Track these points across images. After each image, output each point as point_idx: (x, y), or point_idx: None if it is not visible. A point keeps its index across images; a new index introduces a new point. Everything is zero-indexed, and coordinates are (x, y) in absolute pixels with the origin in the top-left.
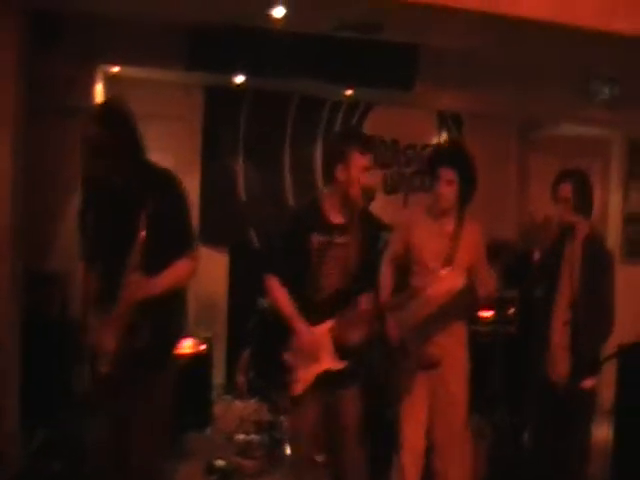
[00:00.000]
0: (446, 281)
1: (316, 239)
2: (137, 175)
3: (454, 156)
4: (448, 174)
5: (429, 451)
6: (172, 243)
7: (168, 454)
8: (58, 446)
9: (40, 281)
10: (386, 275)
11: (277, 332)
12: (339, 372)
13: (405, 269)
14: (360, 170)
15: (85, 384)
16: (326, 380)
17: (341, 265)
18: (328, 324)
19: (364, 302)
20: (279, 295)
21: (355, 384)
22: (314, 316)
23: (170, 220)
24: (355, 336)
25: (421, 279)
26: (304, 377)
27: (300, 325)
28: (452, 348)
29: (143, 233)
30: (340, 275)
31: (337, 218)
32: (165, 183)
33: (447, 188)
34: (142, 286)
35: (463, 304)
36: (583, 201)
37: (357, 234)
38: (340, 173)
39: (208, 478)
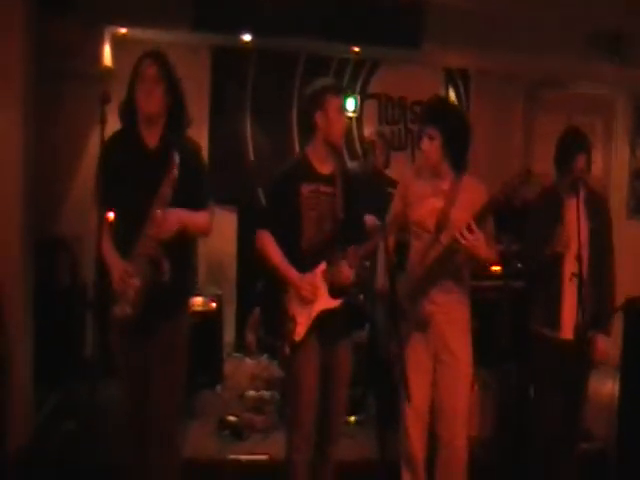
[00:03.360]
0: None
1: (305, 188)
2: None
3: (434, 112)
4: (429, 130)
5: (434, 410)
6: (193, 196)
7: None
8: (71, 408)
9: (50, 246)
10: (389, 233)
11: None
12: (335, 311)
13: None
14: (337, 111)
15: (98, 344)
16: (324, 320)
17: (329, 215)
18: (320, 269)
19: (351, 255)
20: (270, 248)
21: (348, 334)
22: (304, 264)
23: (192, 180)
24: (346, 276)
25: (419, 240)
26: (302, 321)
27: (292, 273)
28: (450, 306)
29: (175, 170)
30: (329, 224)
31: (324, 168)
32: (189, 146)
33: (428, 144)
34: (169, 219)
35: (453, 260)
36: (590, 165)
37: (343, 183)
38: (320, 120)
39: (220, 434)
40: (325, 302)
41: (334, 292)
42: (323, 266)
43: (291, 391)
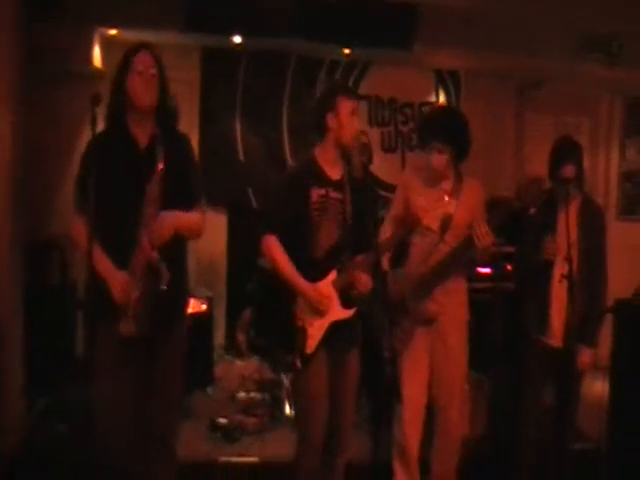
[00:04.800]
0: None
1: (316, 193)
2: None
3: (443, 128)
4: (439, 146)
5: (430, 408)
6: (184, 196)
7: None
8: (61, 411)
9: (40, 247)
10: (386, 234)
11: (277, 291)
12: (347, 322)
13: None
14: (349, 114)
15: (91, 351)
16: (336, 332)
17: (338, 220)
18: (330, 277)
19: (361, 263)
20: (278, 255)
21: (357, 343)
22: (314, 271)
23: (182, 175)
24: (364, 283)
25: (421, 238)
26: (314, 333)
27: (302, 283)
28: (451, 305)
29: (160, 165)
30: (338, 230)
31: (333, 173)
32: (179, 140)
33: (439, 158)
34: (165, 223)
35: (462, 259)
36: (581, 173)
37: (352, 189)
38: (330, 121)
39: (211, 436)
40: (337, 312)
41: (346, 301)
42: (333, 274)
43: (301, 404)
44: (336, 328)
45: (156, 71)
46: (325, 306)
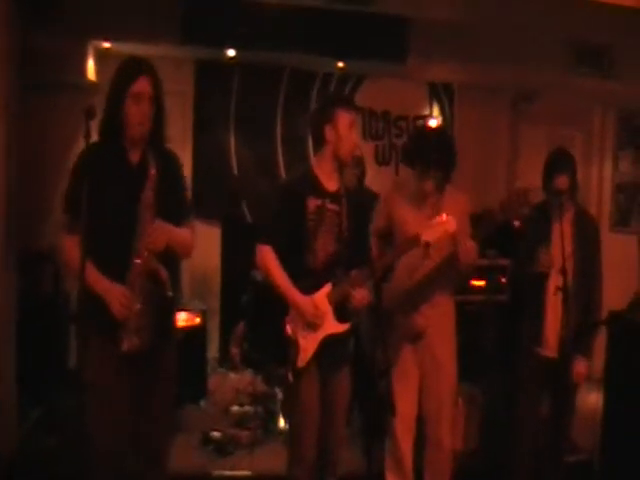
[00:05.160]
0: (439, 226)
1: (312, 203)
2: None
3: (441, 156)
4: (436, 173)
5: (421, 419)
6: (174, 213)
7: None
8: (54, 422)
9: (33, 259)
10: (374, 248)
11: (271, 304)
12: (341, 337)
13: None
14: (347, 126)
15: (85, 369)
16: (329, 347)
17: (334, 232)
18: (325, 289)
19: (357, 278)
20: (272, 266)
21: (348, 360)
22: (309, 283)
23: (172, 192)
24: (361, 298)
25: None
26: (306, 346)
27: (296, 296)
28: (438, 319)
29: (153, 171)
30: (333, 243)
31: (330, 184)
32: (169, 158)
33: (432, 182)
34: (161, 228)
35: (448, 272)
36: (575, 185)
37: (349, 202)
38: (329, 133)
39: (204, 449)
40: (331, 326)
41: (341, 315)
42: (329, 287)
43: (293, 420)
44: (329, 343)
45: (155, 98)
46: (319, 320)
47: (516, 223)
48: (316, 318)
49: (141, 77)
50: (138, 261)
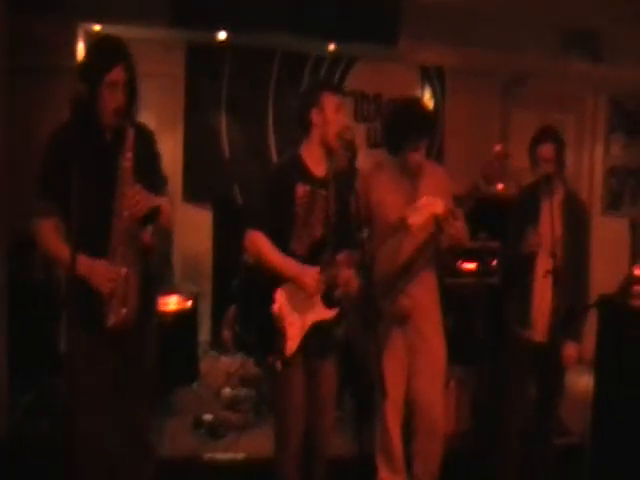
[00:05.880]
0: (425, 208)
1: (301, 188)
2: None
3: (430, 124)
4: (424, 143)
5: (412, 408)
6: (149, 184)
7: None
8: (45, 407)
9: (24, 243)
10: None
11: (262, 287)
12: (328, 325)
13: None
14: (334, 109)
15: (71, 350)
16: (317, 333)
17: (322, 217)
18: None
19: (344, 261)
20: (265, 246)
21: (336, 349)
22: None
23: (147, 163)
24: (348, 280)
25: (384, 233)
26: (294, 334)
27: (297, 267)
28: (423, 298)
29: (131, 137)
30: (321, 227)
31: (318, 170)
32: (144, 132)
33: (416, 155)
34: (143, 193)
35: (429, 252)
36: (561, 159)
37: (337, 186)
38: (315, 117)
39: (196, 432)
40: (319, 312)
41: (329, 301)
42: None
43: (279, 410)
44: (316, 330)
45: (127, 79)
46: (316, 290)
47: (499, 186)
48: (316, 287)
49: (116, 67)
50: (119, 226)
